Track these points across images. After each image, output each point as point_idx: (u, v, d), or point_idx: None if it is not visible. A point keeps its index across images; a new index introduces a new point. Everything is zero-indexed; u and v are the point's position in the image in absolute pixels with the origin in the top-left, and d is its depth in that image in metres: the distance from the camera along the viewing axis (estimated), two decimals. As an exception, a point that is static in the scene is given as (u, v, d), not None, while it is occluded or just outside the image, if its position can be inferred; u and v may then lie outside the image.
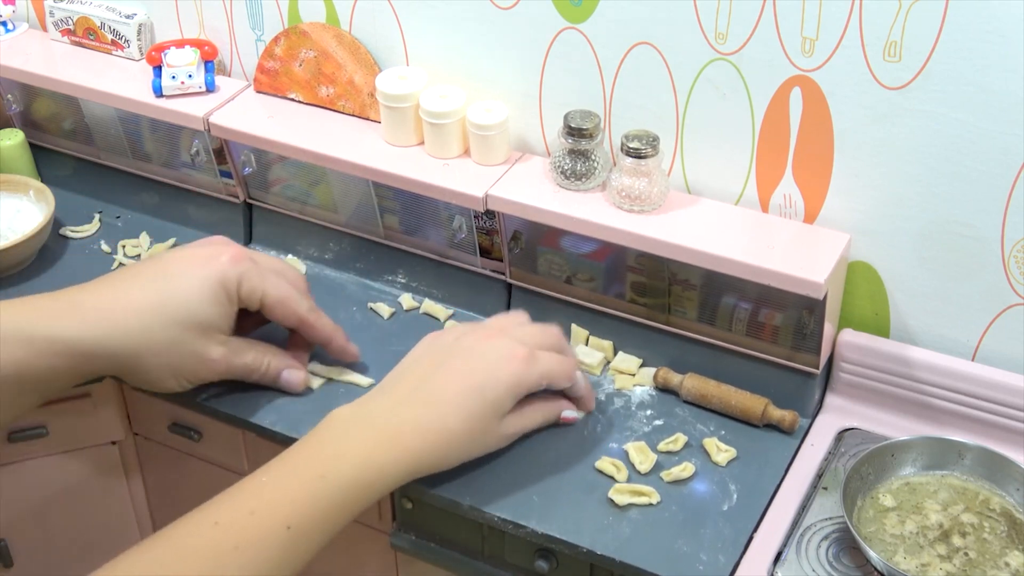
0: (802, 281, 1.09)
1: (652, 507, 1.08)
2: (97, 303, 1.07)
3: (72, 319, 1.04)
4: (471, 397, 1.02)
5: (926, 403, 1.15)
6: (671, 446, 1.14)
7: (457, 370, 1.03)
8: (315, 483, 0.95)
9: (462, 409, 1.02)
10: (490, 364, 1.04)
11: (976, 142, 1.05)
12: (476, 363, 1.04)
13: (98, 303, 1.07)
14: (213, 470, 1.34)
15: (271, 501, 0.94)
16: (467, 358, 1.04)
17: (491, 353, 1.04)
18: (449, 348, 1.06)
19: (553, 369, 1.08)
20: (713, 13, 1.11)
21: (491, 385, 1.03)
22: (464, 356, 1.05)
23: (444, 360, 1.05)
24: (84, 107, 1.46)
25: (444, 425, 1.01)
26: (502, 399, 1.04)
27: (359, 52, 1.32)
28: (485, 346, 1.05)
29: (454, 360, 1.04)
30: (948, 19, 1.01)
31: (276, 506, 0.93)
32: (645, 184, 1.16)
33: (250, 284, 1.12)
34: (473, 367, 1.03)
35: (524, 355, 1.05)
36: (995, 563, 1.00)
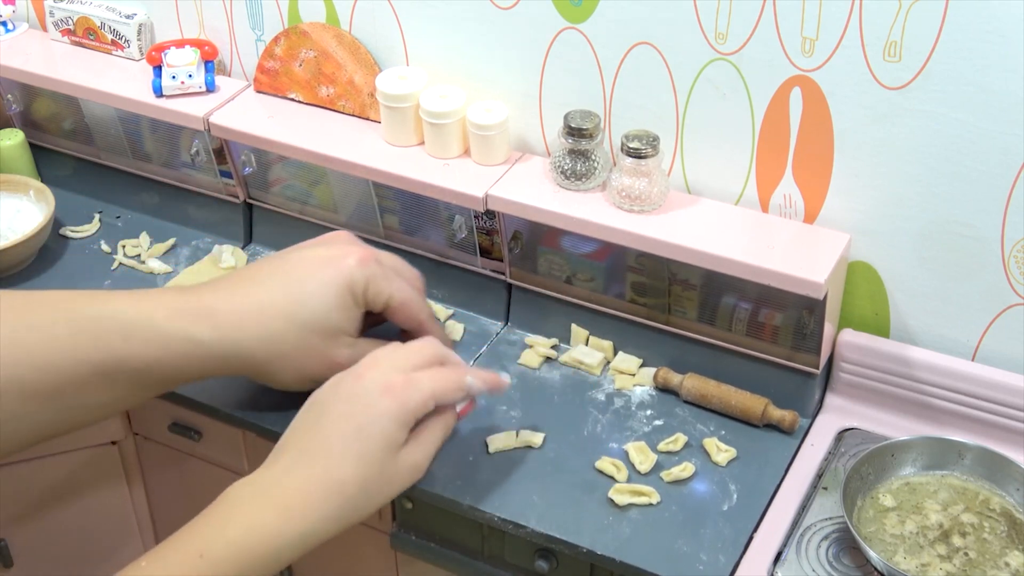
0: (802, 281, 1.09)
1: (652, 507, 1.08)
2: (231, 308, 1.05)
3: (208, 324, 1.04)
4: (354, 441, 0.97)
5: (926, 403, 1.15)
6: (671, 446, 1.14)
7: (334, 419, 0.98)
8: (193, 562, 0.90)
9: (347, 456, 0.96)
10: (365, 404, 0.98)
11: (976, 142, 1.05)
12: (352, 406, 0.98)
13: (232, 308, 1.06)
14: (213, 470, 1.34)
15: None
16: (343, 403, 0.99)
17: (365, 393, 0.99)
18: (325, 398, 1.01)
19: (438, 385, 1.01)
20: (713, 13, 1.11)
21: (371, 422, 0.97)
22: (339, 402, 0.99)
23: (321, 412, 1.00)
24: (84, 107, 1.46)
25: (331, 477, 0.95)
26: (389, 434, 0.98)
27: (359, 52, 1.32)
28: (359, 386, 1.00)
29: (330, 409, 0.99)
30: (948, 19, 1.01)
31: None
32: (645, 184, 1.16)
33: (376, 287, 1.09)
34: (349, 411, 0.98)
35: (401, 383, 0.99)
36: (995, 563, 1.00)
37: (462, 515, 1.09)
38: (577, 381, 1.23)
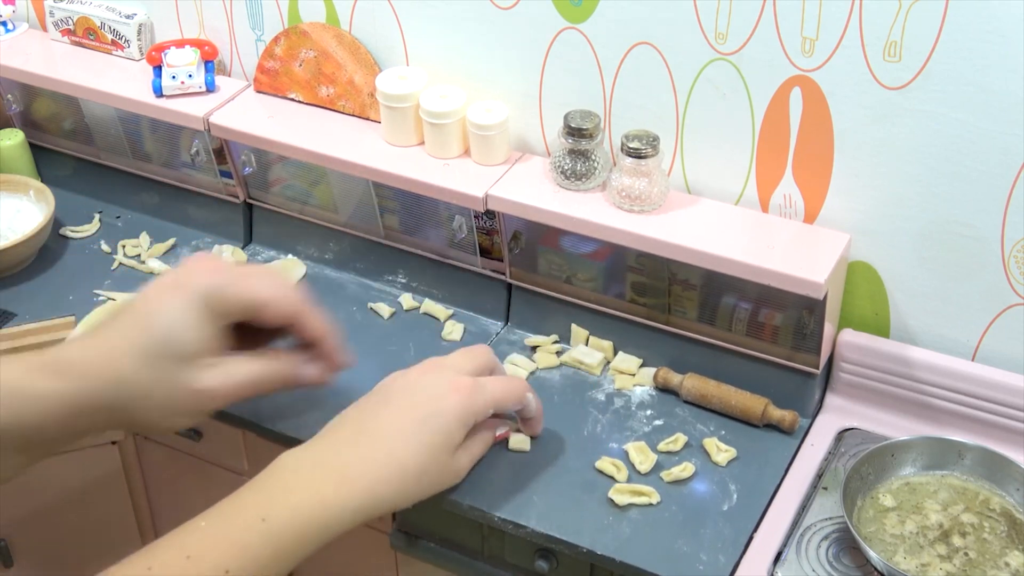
0: (802, 281, 1.09)
1: (652, 507, 1.08)
2: (81, 356, 0.99)
3: (56, 376, 0.97)
4: (418, 430, 0.98)
5: (926, 403, 1.15)
6: (671, 446, 1.14)
7: (401, 406, 1.00)
8: (256, 526, 0.90)
9: (411, 443, 0.98)
10: (433, 396, 1.00)
11: (976, 142, 1.05)
12: (419, 396, 1.00)
13: (82, 355, 0.99)
14: (213, 470, 1.34)
15: (208, 546, 0.89)
16: (410, 394, 1.01)
17: (433, 386, 1.01)
18: (389, 388, 1.03)
19: (501, 394, 1.04)
20: (713, 13, 1.11)
21: (436, 417, 0.99)
22: (407, 392, 1.01)
23: (387, 398, 1.01)
24: (84, 107, 1.46)
25: (393, 459, 0.97)
26: (451, 431, 1.00)
27: (359, 52, 1.32)
28: (426, 380, 1.02)
29: (397, 397, 1.01)
30: (948, 19, 1.01)
31: (213, 550, 0.89)
32: (645, 184, 1.16)
33: (234, 289, 1.03)
34: (416, 401, 1.00)
35: (469, 385, 1.01)
36: (995, 563, 1.00)
37: (462, 515, 1.09)
38: (577, 381, 1.23)
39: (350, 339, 1.28)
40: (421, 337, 1.29)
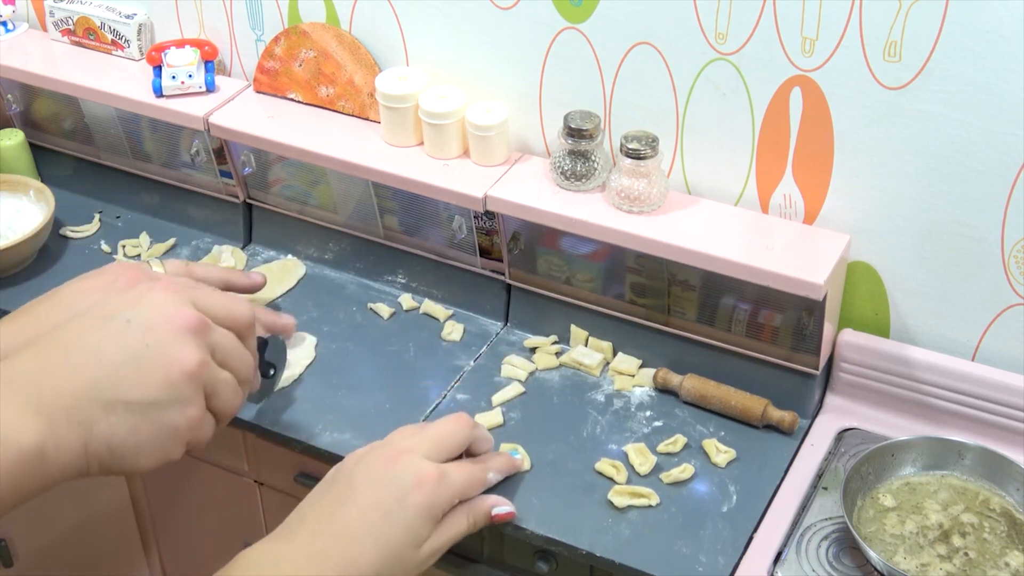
0: (801, 282, 1.09)
1: (651, 508, 1.08)
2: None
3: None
4: (381, 530, 0.94)
5: (926, 403, 1.15)
6: (670, 447, 1.14)
7: (364, 502, 0.95)
8: None
9: (370, 543, 0.93)
10: (397, 492, 0.95)
11: (976, 142, 1.05)
12: (382, 492, 0.95)
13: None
14: (213, 470, 1.34)
15: None
16: (374, 487, 0.96)
17: (398, 480, 0.96)
18: (353, 477, 0.98)
19: (466, 484, 1.00)
20: (713, 13, 1.11)
21: (400, 513, 0.95)
22: (370, 485, 0.96)
23: (351, 491, 0.96)
24: (84, 107, 1.46)
25: (351, 563, 0.92)
26: (415, 527, 0.95)
27: (359, 52, 1.32)
28: (390, 473, 0.97)
29: (360, 490, 0.96)
30: (948, 19, 1.01)
31: None
32: (644, 185, 1.16)
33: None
34: (379, 497, 0.95)
35: (434, 476, 0.97)
36: (995, 563, 1.00)
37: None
38: (576, 382, 1.23)
39: (350, 339, 1.29)
40: (421, 337, 1.29)
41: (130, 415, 0.87)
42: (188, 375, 0.89)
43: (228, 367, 0.95)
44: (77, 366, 0.87)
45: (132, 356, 0.88)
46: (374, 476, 0.96)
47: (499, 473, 1.07)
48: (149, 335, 0.89)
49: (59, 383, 0.86)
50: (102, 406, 0.86)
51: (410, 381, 1.23)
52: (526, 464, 1.12)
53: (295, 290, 1.38)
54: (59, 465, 0.85)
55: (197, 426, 0.92)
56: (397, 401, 1.21)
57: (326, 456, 1.15)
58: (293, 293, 1.37)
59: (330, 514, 0.95)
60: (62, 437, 0.85)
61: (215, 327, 0.94)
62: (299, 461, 1.22)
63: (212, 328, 0.93)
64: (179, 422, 0.90)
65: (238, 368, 0.96)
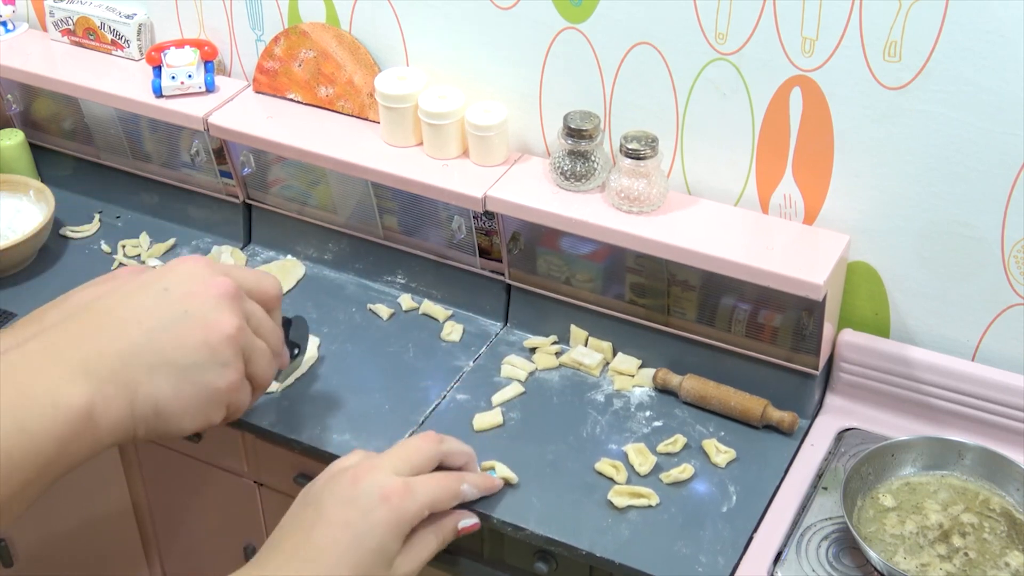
0: (801, 283, 1.09)
1: (651, 509, 1.08)
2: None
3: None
4: (350, 550, 0.92)
5: (926, 403, 1.15)
6: (670, 447, 1.14)
7: (333, 523, 0.94)
8: None
9: (342, 566, 0.92)
10: (364, 509, 0.94)
11: (976, 142, 1.05)
12: (350, 511, 0.94)
13: None
14: (213, 471, 1.34)
15: None
16: (342, 507, 0.95)
17: (364, 497, 0.95)
18: (321, 500, 0.97)
19: (435, 494, 0.99)
20: (713, 13, 1.11)
21: (368, 534, 0.93)
22: (338, 506, 0.95)
23: (319, 512, 0.95)
24: (84, 107, 1.46)
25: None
26: (385, 544, 0.94)
27: (359, 52, 1.32)
28: (357, 490, 0.96)
29: (329, 511, 0.95)
30: (948, 19, 1.01)
31: None
32: (644, 185, 1.16)
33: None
34: (348, 517, 0.94)
35: (400, 489, 0.95)
36: (995, 563, 1.00)
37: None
38: (576, 382, 1.23)
39: (349, 340, 1.29)
40: (420, 338, 1.29)
41: (173, 376, 0.91)
42: (227, 338, 0.93)
43: (261, 336, 0.98)
44: (119, 331, 0.90)
45: (172, 321, 0.91)
46: (340, 496, 0.95)
47: (475, 487, 1.04)
48: (187, 301, 0.92)
49: (103, 347, 0.88)
50: (146, 368, 0.90)
51: (410, 381, 1.23)
52: (502, 482, 1.09)
53: (295, 290, 1.38)
54: (108, 427, 0.88)
55: (236, 389, 0.95)
56: (397, 401, 1.20)
57: (326, 456, 1.15)
58: (293, 293, 1.37)
59: (302, 539, 0.94)
60: (109, 399, 0.87)
61: (246, 297, 0.97)
62: (299, 461, 1.22)
63: (244, 297, 0.96)
64: (220, 384, 0.93)
65: (270, 339, 0.99)
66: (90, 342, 0.89)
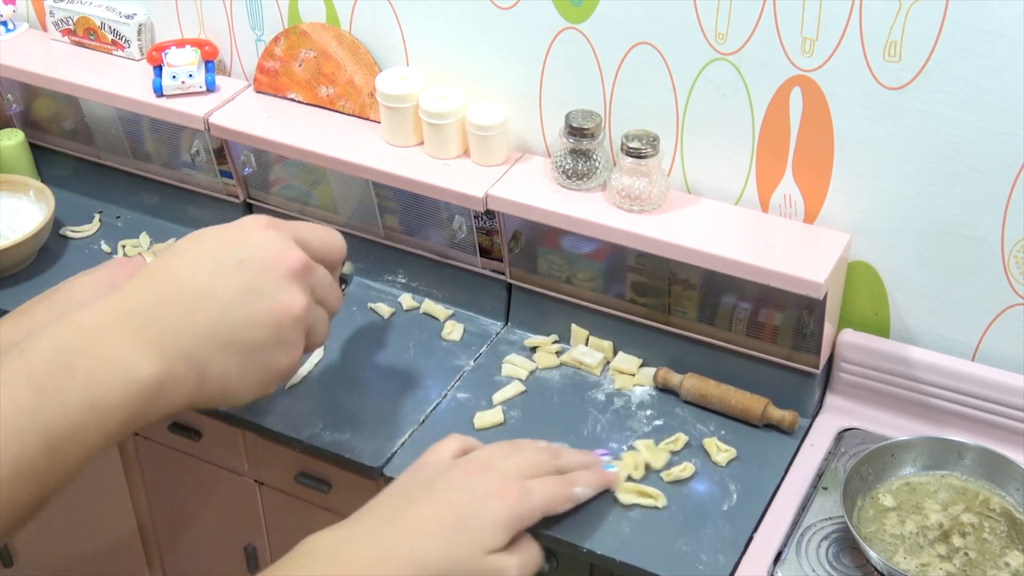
0: (802, 281, 1.09)
1: (652, 507, 1.08)
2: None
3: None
4: (451, 531, 0.93)
5: (926, 403, 1.15)
6: (671, 446, 1.14)
7: (440, 501, 0.95)
8: None
9: (438, 543, 0.92)
10: (475, 499, 0.95)
11: (976, 142, 1.05)
12: (460, 496, 0.95)
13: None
14: (213, 470, 1.34)
15: None
16: (454, 490, 0.96)
17: (478, 488, 0.96)
18: (433, 480, 0.98)
19: (549, 501, 0.99)
20: (713, 13, 1.11)
21: (475, 519, 0.93)
22: (450, 489, 0.96)
23: (427, 490, 0.96)
24: (84, 107, 1.46)
25: (416, 558, 0.91)
26: (488, 535, 0.93)
27: (359, 52, 1.32)
28: (471, 480, 0.97)
29: (438, 491, 0.96)
30: (948, 19, 1.01)
31: None
32: (645, 184, 1.16)
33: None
34: (456, 500, 0.95)
35: (516, 489, 0.96)
36: (995, 563, 1.00)
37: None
38: (577, 381, 1.23)
39: (350, 339, 1.29)
40: (421, 337, 1.29)
41: (242, 355, 0.91)
42: (295, 319, 0.94)
43: (323, 303, 0.99)
44: (194, 308, 0.90)
45: (245, 297, 0.92)
46: (453, 483, 0.97)
47: (588, 487, 1.05)
48: (261, 277, 0.92)
49: (177, 324, 0.88)
50: (218, 347, 0.90)
51: (410, 381, 1.23)
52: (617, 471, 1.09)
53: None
54: (174, 402, 0.89)
55: (296, 365, 0.96)
56: (397, 400, 1.21)
57: (326, 456, 1.15)
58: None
59: (404, 508, 0.95)
60: (179, 376, 0.88)
61: (315, 266, 0.97)
62: (299, 461, 1.22)
63: (314, 268, 0.97)
64: (283, 363, 0.94)
65: (331, 304, 1.01)
66: (165, 315, 0.88)
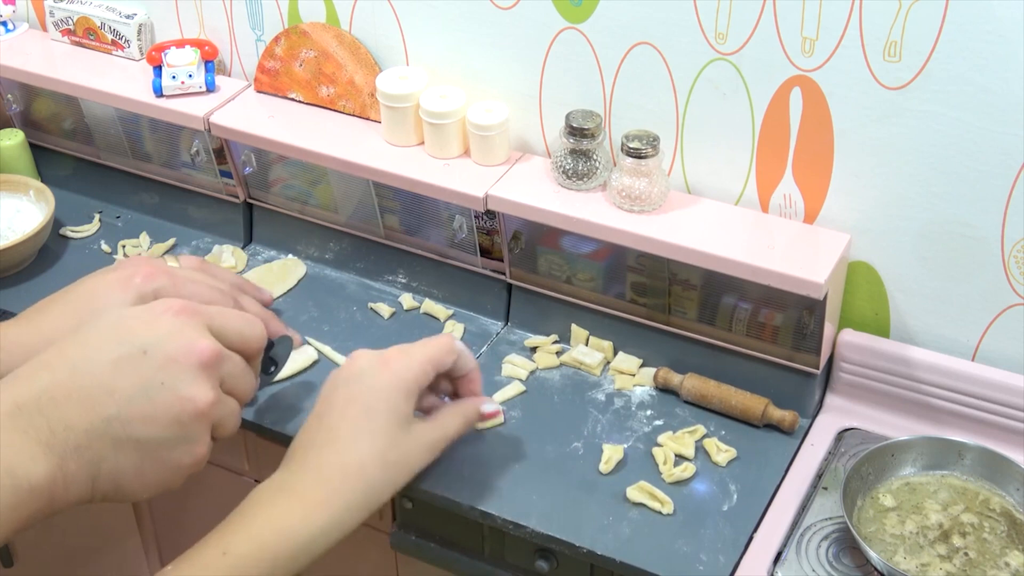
0: (802, 281, 1.09)
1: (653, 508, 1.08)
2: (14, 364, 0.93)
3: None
4: (362, 420, 0.96)
5: (926, 403, 1.16)
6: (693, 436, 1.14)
7: (340, 404, 0.98)
8: (217, 560, 0.89)
9: (359, 438, 0.95)
10: (366, 381, 0.98)
11: (976, 142, 1.05)
12: (353, 387, 0.98)
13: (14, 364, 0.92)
14: (213, 470, 1.34)
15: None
16: (344, 386, 0.99)
17: (363, 371, 1.00)
18: (326, 392, 1.01)
19: (431, 352, 1.02)
20: (713, 13, 1.11)
21: (375, 398, 0.97)
22: (341, 387, 1.00)
23: (329, 400, 1.00)
24: (84, 107, 1.46)
25: (349, 462, 0.94)
26: (394, 405, 0.97)
27: (359, 52, 1.32)
28: (355, 367, 1.01)
29: (334, 397, 0.99)
30: (948, 19, 1.01)
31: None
32: (645, 184, 1.16)
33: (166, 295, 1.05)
34: (351, 393, 0.98)
35: (396, 354, 1.01)
36: (995, 563, 1.00)
37: (462, 515, 1.09)
38: (577, 381, 1.23)
39: (350, 339, 1.29)
40: (421, 337, 1.29)
41: (138, 453, 0.88)
42: (199, 415, 0.90)
43: (234, 393, 0.96)
44: (90, 401, 0.86)
45: (145, 392, 0.88)
46: (342, 379, 1.00)
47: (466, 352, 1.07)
48: (165, 370, 0.88)
49: (71, 419, 0.85)
50: (112, 444, 0.86)
51: (410, 381, 1.23)
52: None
53: (295, 290, 1.38)
54: (65, 500, 0.86)
55: (201, 461, 0.93)
56: (397, 401, 1.20)
57: (326, 455, 1.15)
58: (293, 293, 1.37)
59: (317, 429, 0.97)
60: (71, 474, 0.85)
61: (228, 355, 0.94)
62: (299, 461, 1.22)
63: (225, 359, 0.93)
64: (185, 460, 0.91)
65: (242, 393, 0.97)
66: (59, 410, 0.85)
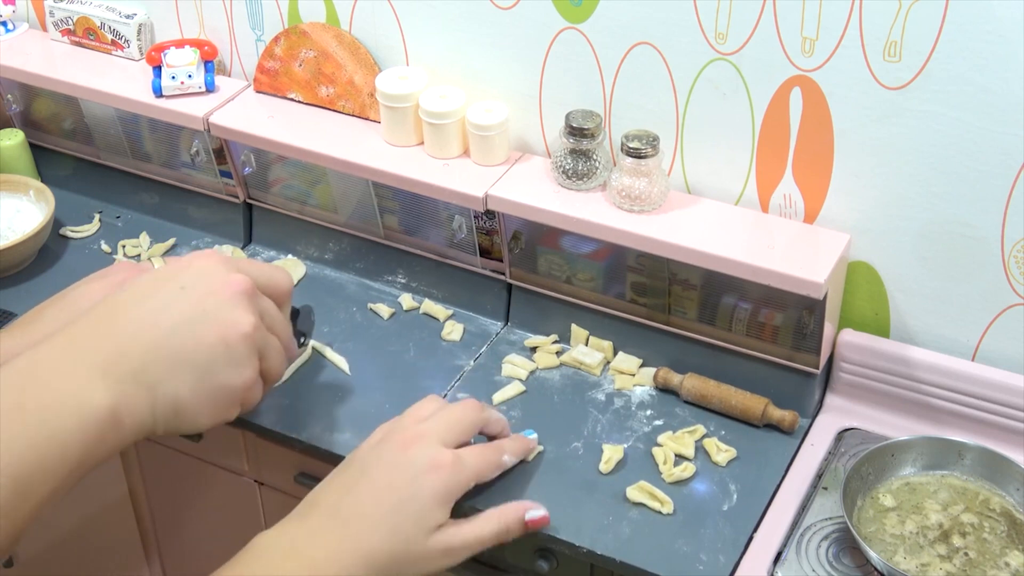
0: (802, 281, 1.09)
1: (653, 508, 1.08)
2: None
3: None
4: (391, 515, 0.93)
5: (926, 403, 1.16)
6: (692, 436, 1.14)
7: (377, 486, 0.95)
8: None
9: (382, 528, 0.92)
10: (411, 477, 0.95)
11: (976, 142, 1.05)
12: (396, 476, 0.95)
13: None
14: (213, 470, 1.34)
15: None
16: (387, 471, 0.96)
17: (412, 465, 0.96)
18: (366, 460, 0.98)
19: (482, 468, 1.01)
20: (713, 13, 1.11)
21: (412, 501, 0.94)
22: (384, 469, 0.96)
23: (364, 473, 0.96)
24: (84, 107, 1.46)
25: (361, 546, 0.92)
26: (428, 512, 0.94)
27: (359, 52, 1.32)
28: (406, 457, 0.97)
29: (374, 474, 0.96)
30: (948, 19, 1.01)
31: None
32: (645, 184, 1.16)
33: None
34: (392, 480, 0.95)
35: (449, 462, 0.97)
36: (995, 563, 1.00)
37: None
38: (577, 381, 1.23)
39: (350, 339, 1.29)
40: (421, 337, 1.29)
41: (192, 375, 0.91)
42: (244, 337, 0.94)
43: (274, 332, 0.99)
44: (138, 330, 0.90)
45: (190, 319, 0.92)
46: (387, 460, 0.97)
47: (513, 455, 1.07)
48: (205, 300, 0.93)
49: (123, 347, 0.89)
50: (166, 367, 0.90)
51: (410, 381, 1.23)
52: (536, 440, 1.12)
53: (295, 290, 1.37)
54: (131, 427, 0.89)
55: (251, 387, 0.96)
56: (397, 401, 1.20)
57: (326, 456, 1.15)
58: (294, 293, 1.36)
59: (342, 497, 0.95)
60: (131, 399, 0.88)
61: (261, 294, 0.98)
62: (299, 461, 1.22)
63: (259, 293, 0.97)
64: (236, 382, 0.94)
65: (282, 334, 1.01)
66: (110, 342, 0.89)
